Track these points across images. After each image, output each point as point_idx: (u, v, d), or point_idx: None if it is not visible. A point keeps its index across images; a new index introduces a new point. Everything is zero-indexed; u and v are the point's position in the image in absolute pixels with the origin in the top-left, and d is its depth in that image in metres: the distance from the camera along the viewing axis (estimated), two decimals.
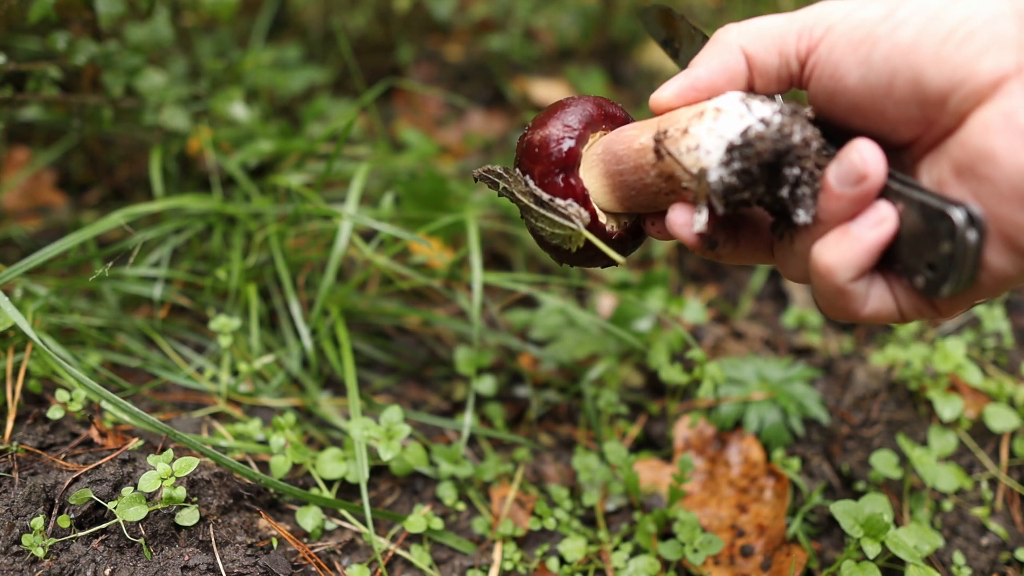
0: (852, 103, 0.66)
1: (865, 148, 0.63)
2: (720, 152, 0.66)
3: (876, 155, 0.63)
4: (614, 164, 0.75)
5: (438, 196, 1.42)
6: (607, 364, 1.32)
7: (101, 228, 1.15)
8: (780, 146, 0.65)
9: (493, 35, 2.17)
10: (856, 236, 0.64)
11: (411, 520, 1.05)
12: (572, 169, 0.76)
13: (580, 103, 0.79)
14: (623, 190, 0.75)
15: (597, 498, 1.15)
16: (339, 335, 1.22)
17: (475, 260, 1.24)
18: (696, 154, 0.67)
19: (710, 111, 0.68)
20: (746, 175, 0.66)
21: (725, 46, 0.72)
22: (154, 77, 1.38)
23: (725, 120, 0.67)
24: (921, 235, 0.62)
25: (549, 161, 0.76)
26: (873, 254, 0.64)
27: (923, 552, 1.00)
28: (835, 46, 0.66)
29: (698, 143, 0.67)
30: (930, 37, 0.60)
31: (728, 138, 0.66)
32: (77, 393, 1.02)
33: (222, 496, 1.00)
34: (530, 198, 0.77)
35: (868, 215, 0.64)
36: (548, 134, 0.77)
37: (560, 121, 0.77)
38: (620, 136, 0.75)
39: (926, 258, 0.62)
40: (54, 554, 0.90)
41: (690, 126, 0.68)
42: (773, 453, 1.20)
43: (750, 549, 1.10)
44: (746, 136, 0.65)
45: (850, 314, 0.68)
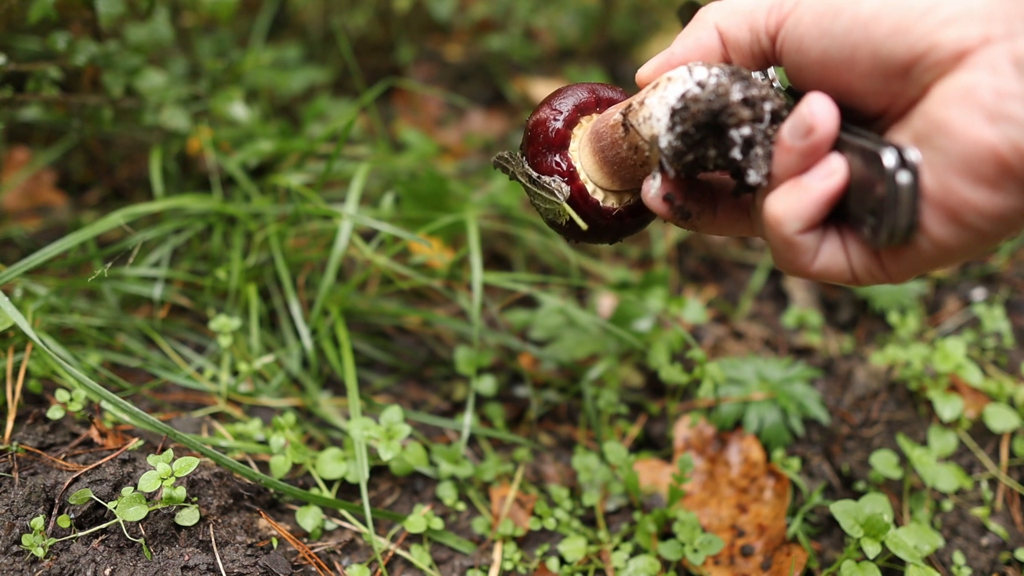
0: (818, 76, 0.66)
1: (815, 101, 0.64)
2: (667, 118, 0.69)
3: (826, 107, 0.63)
4: (597, 141, 0.79)
5: (438, 196, 1.42)
6: (607, 364, 1.32)
7: (101, 228, 1.15)
8: (714, 105, 0.66)
9: (493, 35, 2.17)
10: (805, 186, 0.65)
11: (411, 520, 1.05)
12: (560, 149, 0.81)
13: (574, 89, 0.83)
14: (609, 166, 0.79)
15: (597, 498, 1.15)
16: (339, 335, 1.22)
17: (475, 260, 1.24)
18: (651, 123, 0.71)
19: (663, 81, 0.71)
20: (687, 137, 0.68)
21: (701, 23, 0.74)
22: (154, 77, 1.38)
23: (672, 87, 0.69)
24: (864, 181, 0.63)
25: (538, 142, 0.81)
26: (822, 205, 0.65)
27: (923, 552, 1.00)
28: (800, 19, 0.66)
29: (651, 112, 0.71)
30: (892, 8, 0.60)
31: (670, 103, 0.69)
32: (77, 393, 1.02)
33: (222, 496, 1.00)
34: (525, 177, 0.82)
35: (819, 167, 0.65)
36: (539, 117, 0.82)
37: (550, 106, 0.82)
38: (604, 115, 0.79)
39: (868, 204, 0.62)
40: (54, 554, 0.90)
41: (646, 97, 0.71)
42: (773, 453, 1.20)
43: (750, 549, 1.10)
44: (683, 99, 0.68)
45: (799, 267, 0.69)
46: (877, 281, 0.68)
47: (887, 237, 0.61)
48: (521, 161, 0.83)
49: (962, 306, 1.51)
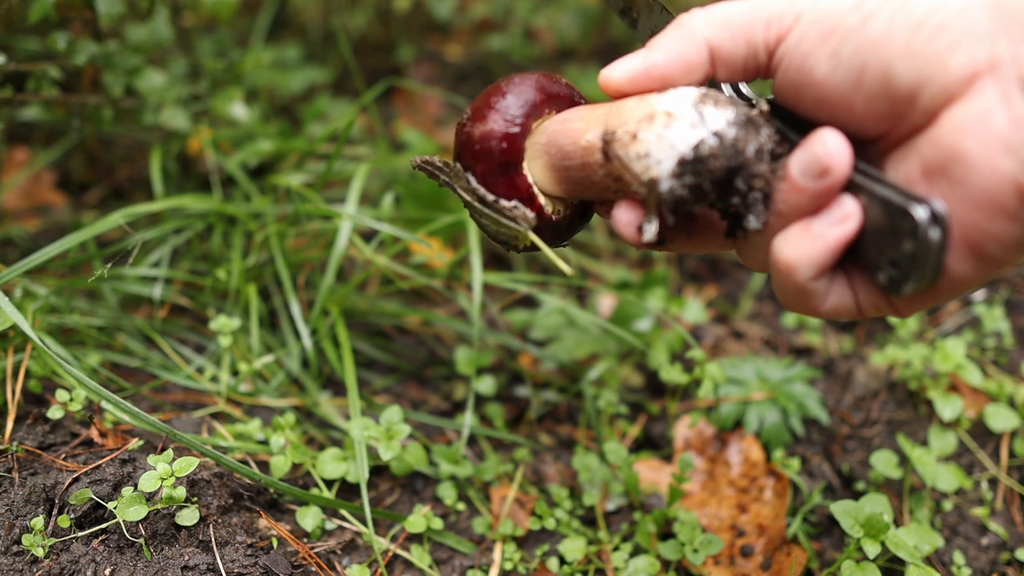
0: (819, 97, 0.63)
1: (830, 139, 0.60)
2: (671, 163, 0.63)
3: (842, 147, 0.60)
4: (560, 159, 0.71)
5: (438, 196, 1.42)
6: (607, 364, 1.32)
7: (101, 228, 1.15)
8: (733, 163, 0.63)
9: (493, 35, 2.17)
10: (818, 233, 0.61)
11: (411, 520, 1.05)
12: (516, 166, 0.72)
13: (519, 87, 0.73)
14: (570, 184, 0.72)
15: (597, 498, 1.15)
16: (339, 335, 1.22)
17: (475, 260, 1.24)
18: (646, 162, 0.65)
19: (660, 116, 0.65)
20: (697, 190, 0.64)
21: (688, 34, 0.68)
22: (154, 77, 1.38)
23: (676, 129, 0.64)
24: (884, 231, 0.60)
25: (491, 159, 0.72)
26: (836, 252, 0.62)
27: (923, 552, 1.00)
28: (804, 37, 0.63)
29: (648, 151, 0.64)
30: (899, 29, 0.57)
31: (679, 151, 0.63)
32: (77, 393, 1.02)
33: (222, 496, 1.00)
34: (473, 196, 0.73)
35: (831, 211, 0.62)
36: (489, 130, 0.72)
37: (500, 114, 0.72)
38: (566, 128, 0.71)
39: (888, 255, 0.60)
40: (54, 554, 0.90)
41: (639, 130, 0.65)
42: (773, 453, 1.20)
43: (750, 549, 1.10)
44: (698, 151, 0.63)
45: (809, 310, 0.66)
46: (883, 314, 0.66)
47: (912, 289, 0.59)
48: (464, 176, 0.73)
49: (962, 306, 1.51)
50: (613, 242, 1.65)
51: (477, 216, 0.75)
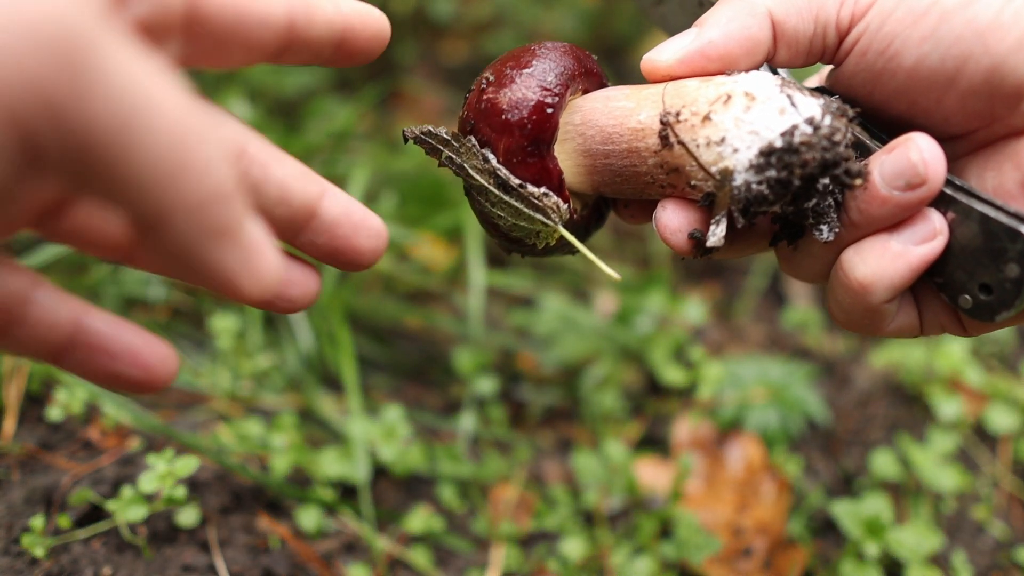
0: (902, 87, 0.55)
1: (926, 147, 0.52)
2: (752, 153, 0.54)
3: (938, 155, 0.52)
4: (600, 143, 0.61)
5: (438, 196, 1.42)
6: (607, 364, 1.32)
7: None
8: (829, 157, 0.53)
9: (493, 35, 2.17)
10: (900, 252, 0.54)
11: (411, 520, 1.05)
12: (549, 145, 0.61)
13: (556, 53, 0.62)
14: (604, 174, 0.62)
15: (597, 498, 1.15)
16: (339, 335, 1.22)
17: (475, 260, 1.24)
18: (719, 150, 0.55)
19: (739, 96, 0.55)
20: (782, 187, 0.54)
21: (749, 7, 0.58)
22: None
23: (761, 112, 0.54)
24: (978, 252, 0.53)
25: (522, 134, 0.60)
26: (918, 273, 0.55)
27: (923, 552, 1.00)
28: (890, 16, 0.54)
29: (723, 136, 0.55)
30: (1015, 18, 0.50)
31: (766, 138, 0.54)
32: (77, 393, 1.02)
33: (222, 496, 1.00)
34: (490, 179, 0.61)
35: (916, 226, 0.54)
36: (522, 97, 0.60)
37: (536, 79, 0.60)
38: (609, 107, 0.61)
39: (980, 278, 0.53)
40: (54, 554, 0.90)
41: (712, 112, 0.55)
42: (773, 453, 1.20)
43: (750, 549, 1.10)
44: (790, 139, 0.53)
45: (871, 331, 0.59)
46: (946, 333, 0.60)
47: (1008, 316, 0.53)
48: (479, 153, 0.61)
49: None
50: (612, 241, 1.65)
51: (489, 205, 0.63)
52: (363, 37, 0.55)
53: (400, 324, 1.41)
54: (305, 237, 0.53)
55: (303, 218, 0.52)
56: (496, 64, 0.63)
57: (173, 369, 0.46)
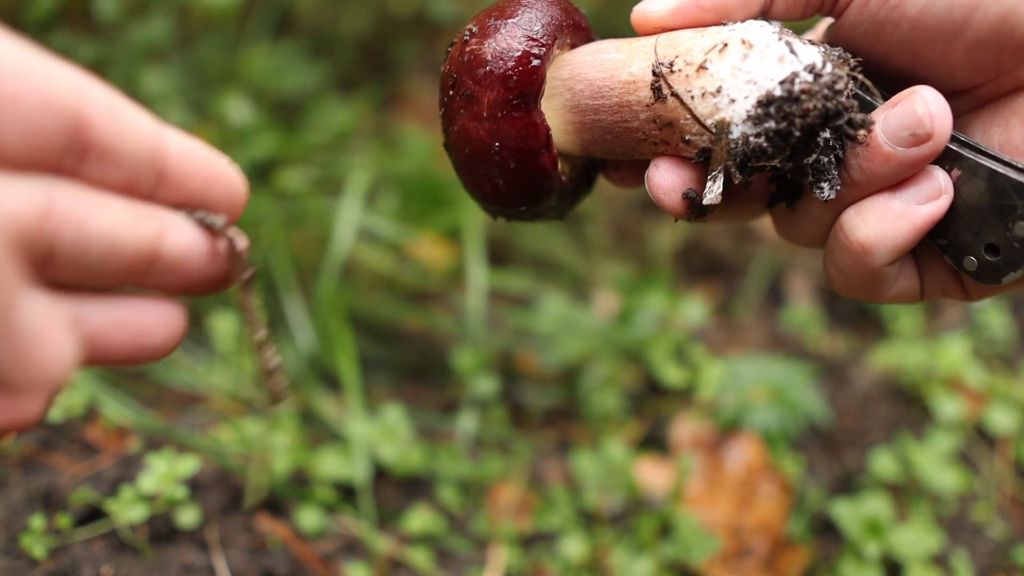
0: (906, 38, 0.53)
1: (931, 99, 0.50)
2: (750, 103, 0.51)
3: (944, 109, 0.50)
4: (589, 97, 0.58)
5: (438, 196, 1.42)
6: (607, 364, 1.32)
7: None
8: (831, 106, 0.50)
9: None
10: (903, 211, 0.52)
11: (411, 520, 1.05)
12: (536, 99, 0.58)
13: (543, 3, 0.60)
14: (594, 132, 0.59)
15: (597, 498, 1.15)
16: (339, 335, 1.22)
17: (475, 260, 1.25)
18: (715, 101, 0.52)
19: (736, 44, 0.52)
20: (781, 139, 0.51)
21: None
22: (154, 77, 1.38)
23: (759, 60, 0.51)
24: (985, 211, 0.51)
25: (507, 87, 0.56)
26: (922, 234, 0.52)
27: (923, 552, 1.00)
28: None
29: (719, 86, 0.52)
30: None
31: (764, 87, 0.51)
32: (77, 393, 1.02)
33: (222, 496, 1.00)
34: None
35: (920, 184, 0.52)
36: (507, 47, 0.57)
37: (521, 29, 0.57)
38: (598, 60, 0.58)
39: (987, 238, 0.51)
40: (54, 554, 0.90)
41: (708, 62, 0.52)
42: (773, 453, 1.20)
43: (750, 549, 1.10)
44: (790, 88, 0.50)
45: (871, 296, 0.57)
46: (946, 298, 0.58)
47: (1015, 278, 0.51)
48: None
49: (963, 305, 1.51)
50: (612, 241, 1.65)
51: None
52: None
53: (400, 324, 1.41)
54: (152, 280, 0.48)
55: (143, 265, 0.46)
56: (480, 15, 0.60)
57: None
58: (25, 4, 1.28)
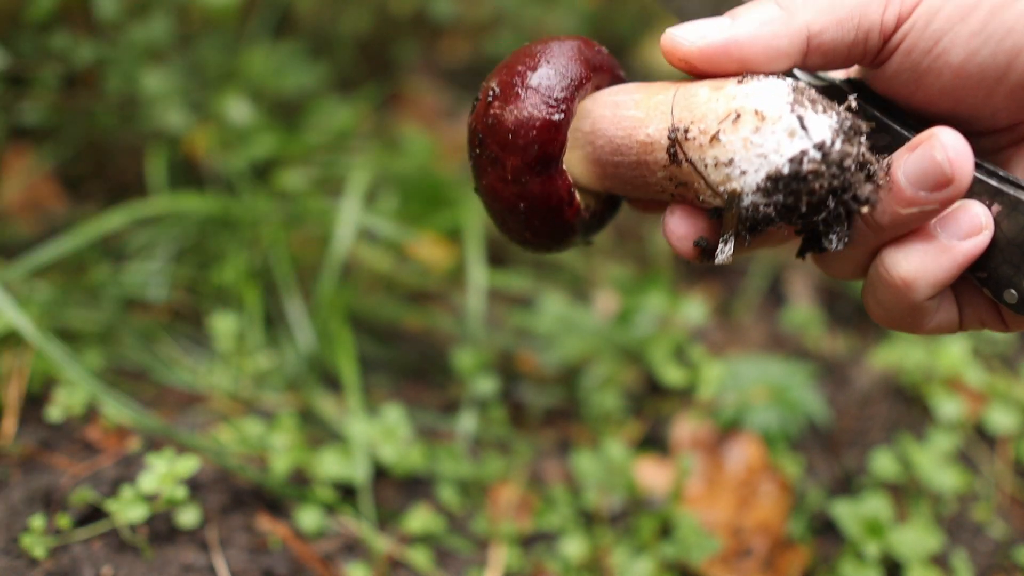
0: (948, 85, 0.54)
1: (951, 143, 0.50)
2: (760, 177, 0.53)
3: (964, 152, 0.50)
4: (609, 154, 0.60)
5: (438, 196, 1.42)
6: (607, 364, 1.32)
7: (102, 228, 1.15)
8: (837, 184, 0.52)
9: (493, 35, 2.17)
10: (944, 247, 0.52)
11: (411, 520, 1.05)
12: (557, 161, 0.61)
13: (558, 57, 0.60)
14: (615, 180, 0.62)
15: (597, 498, 1.15)
16: (339, 335, 1.22)
17: (475, 260, 1.25)
18: (727, 171, 0.54)
19: (749, 115, 0.53)
20: (789, 211, 0.53)
21: (786, 18, 0.55)
22: (154, 77, 1.38)
23: (770, 135, 0.53)
24: (1021, 243, 0.52)
25: (529, 154, 0.59)
26: (963, 269, 0.53)
27: (923, 552, 1.00)
28: (937, 13, 0.52)
29: (731, 158, 0.54)
30: None
31: (774, 163, 0.52)
32: (77, 393, 1.02)
33: (222, 496, 1.00)
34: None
35: (961, 220, 0.53)
36: (528, 117, 0.58)
37: (540, 95, 0.59)
38: (618, 116, 0.60)
39: None
40: (54, 554, 0.90)
41: (721, 132, 0.54)
42: (773, 453, 1.20)
43: (750, 549, 1.10)
44: (798, 168, 0.52)
45: (911, 328, 0.58)
46: (985, 329, 0.59)
47: None
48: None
49: None
50: (612, 241, 1.65)
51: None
52: None
53: (400, 324, 1.41)
54: None
55: None
56: (502, 72, 0.61)
57: None
58: (25, 4, 1.28)
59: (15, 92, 1.30)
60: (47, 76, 1.32)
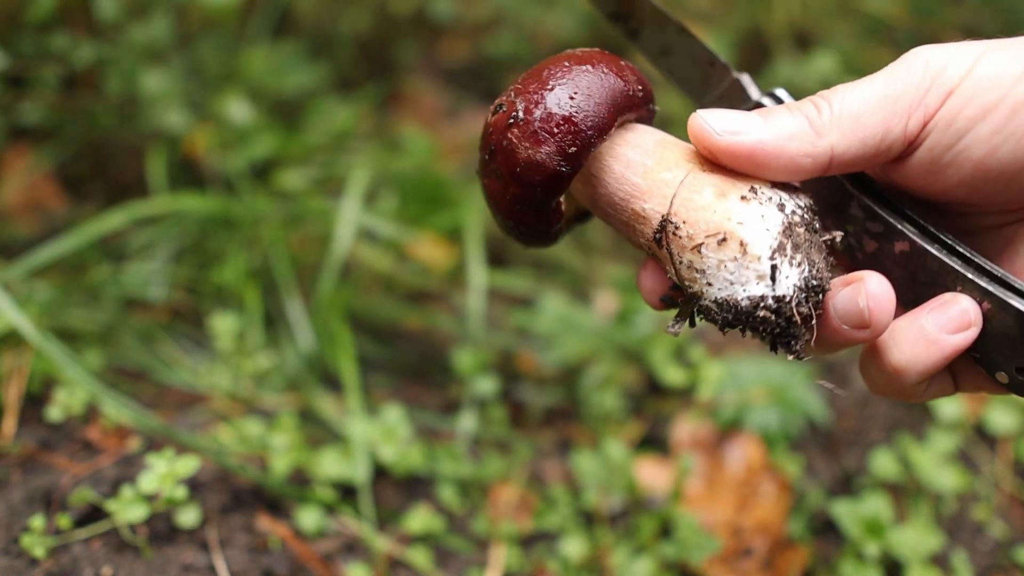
0: (969, 177, 0.56)
1: (874, 292, 0.55)
2: (721, 294, 0.58)
3: (885, 302, 0.55)
4: (606, 204, 0.64)
5: (438, 196, 1.42)
6: (607, 364, 1.32)
7: (102, 228, 1.15)
8: (778, 331, 0.59)
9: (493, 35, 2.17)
10: (934, 339, 0.56)
11: (411, 520, 1.05)
12: (556, 199, 0.63)
13: (591, 98, 0.60)
14: (603, 217, 0.66)
15: (597, 498, 1.15)
16: (339, 335, 1.22)
17: (475, 260, 1.25)
18: (696, 276, 0.59)
19: (734, 242, 0.57)
20: (734, 326, 0.60)
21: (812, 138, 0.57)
22: (154, 77, 1.38)
23: (743, 269, 0.57)
24: (1014, 341, 0.56)
25: (531, 192, 0.61)
26: (951, 359, 0.56)
27: (923, 552, 1.00)
28: (959, 113, 0.54)
29: (704, 269, 0.58)
30: None
31: (735, 293, 0.57)
32: (77, 393, 1.02)
33: (222, 496, 1.00)
34: None
35: (951, 313, 0.56)
36: (540, 161, 0.60)
37: (560, 143, 0.60)
38: (624, 176, 0.63)
39: (1017, 361, 0.56)
40: (54, 554, 0.90)
41: (704, 246, 0.58)
42: (773, 453, 1.20)
43: (750, 549, 1.10)
44: (752, 309, 0.57)
45: (906, 400, 0.61)
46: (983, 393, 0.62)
47: None
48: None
49: None
50: (612, 240, 1.65)
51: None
52: None
53: (400, 324, 1.41)
54: None
55: None
56: (531, 93, 0.61)
57: None
58: (25, 4, 1.28)
59: (15, 92, 1.29)
60: (47, 76, 1.32)
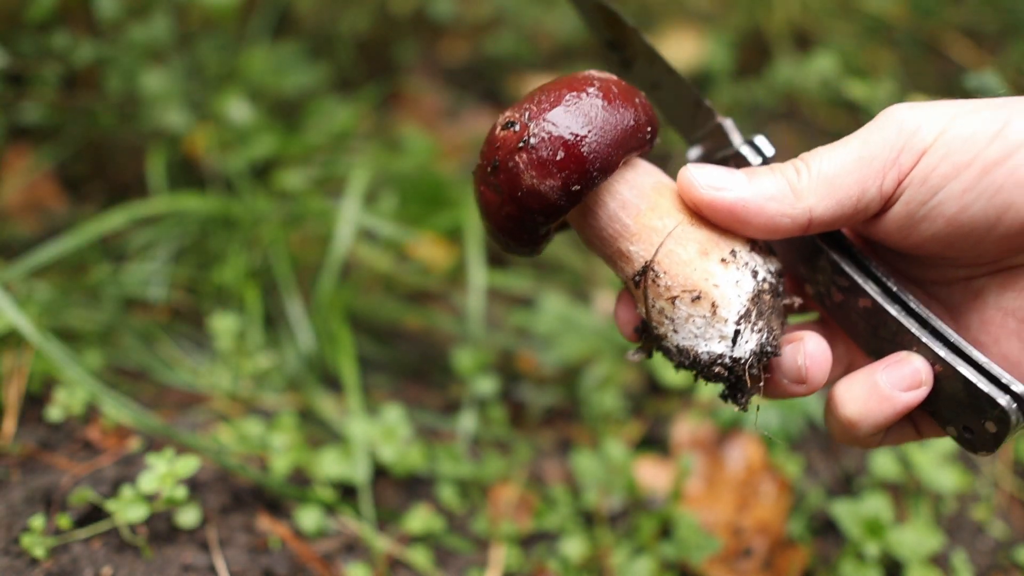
0: (942, 232, 0.58)
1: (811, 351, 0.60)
2: (682, 343, 0.63)
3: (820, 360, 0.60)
4: (594, 235, 0.68)
5: (438, 196, 1.42)
6: (607, 364, 1.32)
7: (102, 228, 1.15)
8: (728, 387, 0.64)
9: (493, 35, 2.17)
10: (887, 396, 0.59)
11: (411, 520, 1.05)
12: (552, 223, 0.65)
13: (604, 137, 0.62)
14: (587, 243, 0.70)
15: (597, 498, 1.15)
16: (339, 335, 1.22)
17: (475, 260, 1.25)
18: (664, 320, 0.64)
19: (707, 303, 0.62)
20: (688, 371, 0.64)
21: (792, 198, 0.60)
22: (154, 77, 1.38)
23: (709, 327, 0.62)
24: (963, 404, 0.59)
25: (527, 215, 0.63)
26: (902, 415, 0.60)
27: (923, 552, 1.00)
28: (933, 170, 0.56)
29: (673, 318, 0.63)
30: None
31: (696, 346, 0.63)
32: (77, 393, 1.02)
33: (222, 496, 1.00)
34: None
35: (904, 371, 0.59)
36: (544, 191, 0.61)
37: (564, 175, 0.61)
38: (616, 215, 0.66)
39: (964, 422, 0.60)
40: (54, 554, 0.90)
41: (679, 300, 0.63)
42: (773, 453, 1.20)
43: (750, 549, 1.10)
44: (709, 365, 0.62)
45: (863, 447, 0.65)
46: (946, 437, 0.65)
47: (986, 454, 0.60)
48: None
49: None
50: None
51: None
52: None
53: (400, 324, 1.41)
54: None
55: None
56: (543, 118, 0.62)
57: None
58: (25, 3, 1.28)
59: (15, 92, 1.29)
60: (47, 75, 1.32)
